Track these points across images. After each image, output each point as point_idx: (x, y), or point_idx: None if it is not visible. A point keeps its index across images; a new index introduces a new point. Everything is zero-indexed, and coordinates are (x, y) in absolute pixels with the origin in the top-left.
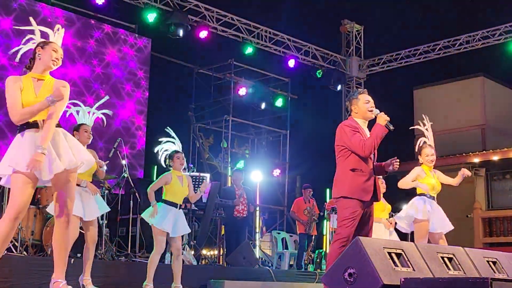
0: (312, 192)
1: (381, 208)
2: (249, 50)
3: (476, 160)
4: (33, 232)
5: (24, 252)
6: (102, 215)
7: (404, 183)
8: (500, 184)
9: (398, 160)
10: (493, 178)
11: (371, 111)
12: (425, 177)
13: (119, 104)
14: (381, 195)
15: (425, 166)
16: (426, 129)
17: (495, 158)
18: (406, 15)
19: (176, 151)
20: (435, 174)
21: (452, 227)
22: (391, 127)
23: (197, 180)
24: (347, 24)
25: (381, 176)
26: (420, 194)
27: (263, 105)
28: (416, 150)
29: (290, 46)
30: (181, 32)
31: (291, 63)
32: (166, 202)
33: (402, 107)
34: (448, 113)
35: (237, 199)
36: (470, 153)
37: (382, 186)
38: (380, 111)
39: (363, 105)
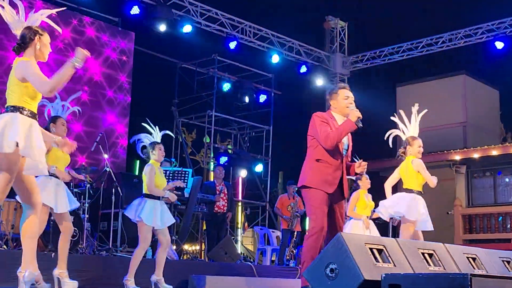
0: (296, 188)
1: (363, 205)
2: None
3: (457, 157)
4: (13, 226)
5: (4, 246)
6: (84, 210)
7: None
8: (480, 182)
9: (365, 162)
10: (474, 176)
11: (349, 107)
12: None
13: (102, 102)
14: (348, 192)
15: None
16: (405, 123)
17: (476, 155)
18: (390, 12)
19: (158, 142)
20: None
21: (432, 228)
22: (360, 125)
23: (180, 175)
24: (331, 20)
25: (364, 173)
26: (410, 190)
27: (246, 101)
28: (404, 141)
29: (274, 41)
30: (164, 26)
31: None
32: (149, 196)
33: (385, 103)
34: (429, 111)
35: (218, 195)
36: (451, 151)
37: (367, 182)
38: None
39: (342, 101)
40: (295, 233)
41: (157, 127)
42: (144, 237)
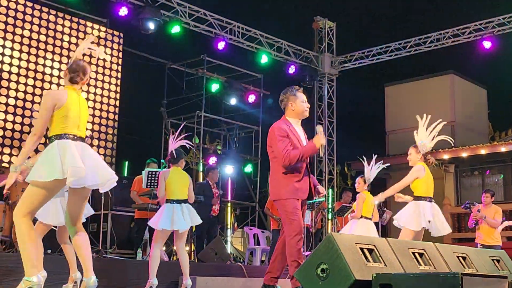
0: None
1: (369, 206)
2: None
3: (446, 156)
4: (1, 228)
5: None
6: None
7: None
8: (469, 181)
9: (323, 193)
10: (462, 175)
11: (307, 111)
12: (424, 176)
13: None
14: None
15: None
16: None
17: (464, 154)
18: (378, 12)
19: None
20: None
21: (450, 231)
22: (322, 153)
23: None
24: (320, 20)
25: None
26: (422, 197)
27: (235, 101)
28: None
29: (262, 42)
30: (153, 27)
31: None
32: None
33: (373, 103)
34: (418, 110)
35: (215, 198)
36: (440, 150)
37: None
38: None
39: (301, 104)
40: None
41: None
42: (161, 238)
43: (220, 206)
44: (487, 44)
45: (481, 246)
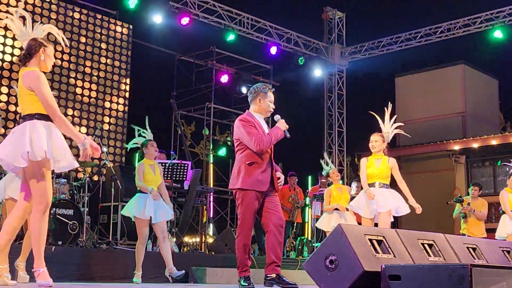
0: (297, 180)
1: (337, 198)
2: (231, 37)
3: (456, 147)
4: None
5: None
6: (83, 203)
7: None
8: (480, 171)
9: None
10: (473, 165)
11: (271, 111)
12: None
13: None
14: (278, 186)
15: (373, 154)
16: (390, 116)
17: (475, 145)
18: (388, 2)
19: (149, 140)
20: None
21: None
22: (288, 135)
23: (179, 167)
24: (329, 11)
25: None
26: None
27: (244, 92)
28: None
29: (272, 33)
30: (161, 19)
31: (273, 50)
32: (140, 191)
33: (383, 94)
34: (429, 101)
35: None
36: (451, 141)
37: (337, 176)
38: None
39: (268, 103)
40: (295, 224)
41: (148, 128)
42: (140, 231)
43: None
44: (498, 34)
45: None
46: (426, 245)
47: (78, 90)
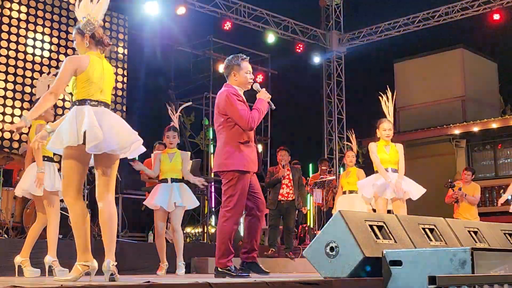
0: (300, 168)
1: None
2: (271, 38)
3: (457, 131)
4: (13, 214)
5: (5, 235)
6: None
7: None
8: (480, 155)
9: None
10: (474, 149)
11: (251, 83)
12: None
13: None
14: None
15: (382, 141)
16: (385, 103)
17: (476, 129)
18: None
19: (168, 129)
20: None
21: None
22: (273, 106)
23: None
24: None
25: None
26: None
27: None
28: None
29: (269, 21)
30: (157, 9)
31: (271, 38)
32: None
33: (382, 80)
34: (428, 86)
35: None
36: (451, 125)
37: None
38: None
39: (244, 75)
40: (297, 212)
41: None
42: (155, 223)
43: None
44: (496, 17)
45: None
46: (427, 230)
47: None
